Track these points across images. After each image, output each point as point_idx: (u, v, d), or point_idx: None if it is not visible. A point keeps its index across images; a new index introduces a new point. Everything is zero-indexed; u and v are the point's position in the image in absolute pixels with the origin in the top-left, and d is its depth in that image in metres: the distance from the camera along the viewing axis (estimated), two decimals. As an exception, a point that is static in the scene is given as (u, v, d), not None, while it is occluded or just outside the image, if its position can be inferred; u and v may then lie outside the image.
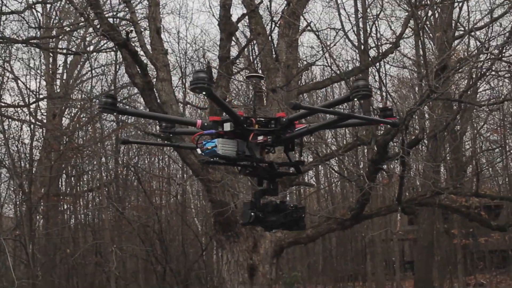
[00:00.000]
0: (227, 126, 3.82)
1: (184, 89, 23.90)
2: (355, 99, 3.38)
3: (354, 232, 24.86)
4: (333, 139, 22.45)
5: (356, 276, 27.85)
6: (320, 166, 22.31)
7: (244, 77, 19.31)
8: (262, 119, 3.89)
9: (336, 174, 20.42)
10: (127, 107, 4.75)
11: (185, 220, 23.38)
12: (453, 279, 25.21)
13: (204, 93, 3.43)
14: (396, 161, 15.07)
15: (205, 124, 3.90)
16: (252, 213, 3.88)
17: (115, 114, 4.56)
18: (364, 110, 14.60)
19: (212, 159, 3.82)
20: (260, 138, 3.86)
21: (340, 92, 27.06)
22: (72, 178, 24.70)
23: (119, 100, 21.41)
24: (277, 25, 15.49)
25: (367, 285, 25.52)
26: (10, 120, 21.04)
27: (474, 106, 17.60)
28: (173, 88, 15.76)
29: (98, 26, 13.95)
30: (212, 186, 14.28)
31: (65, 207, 25.46)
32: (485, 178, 23.48)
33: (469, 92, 16.17)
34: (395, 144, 15.43)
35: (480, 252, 26.68)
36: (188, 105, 22.91)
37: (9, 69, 21.46)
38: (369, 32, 18.12)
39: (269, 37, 15.26)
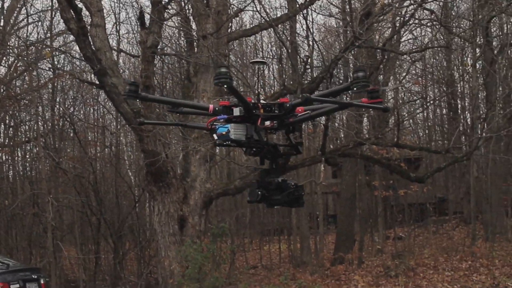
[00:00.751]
0: (236, 111, 4.10)
1: (118, 36, 23.80)
2: (355, 89, 3.69)
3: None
4: (261, 89, 22.59)
5: (282, 230, 28.29)
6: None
7: (177, 24, 19.24)
8: (267, 104, 4.16)
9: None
10: (148, 95, 5.17)
11: (119, 171, 23.42)
12: (374, 232, 25.90)
13: (225, 86, 3.74)
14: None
15: (216, 108, 4.19)
16: (260, 192, 4.18)
17: (138, 100, 5.12)
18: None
19: (225, 143, 4.11)
20: (268, 123, 4.15)
21: (269, 41, 27.46)
22: (10, 129, 24.43)
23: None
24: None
25: (292, 238, 25.98)
26: None
27: (397, 57, 18.03)
28: (107, 35, 15.71)
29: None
30: (144, 135, 14.42)
31: (3, 158, 25.30)
32: (406, 129, 24.14)
33: (393, 42, 16.58)
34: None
35: (399, 205, 27.50)
36: (122, 53, 22.96)
37: None
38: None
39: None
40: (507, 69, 21.40)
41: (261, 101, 4.19)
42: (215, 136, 4.12)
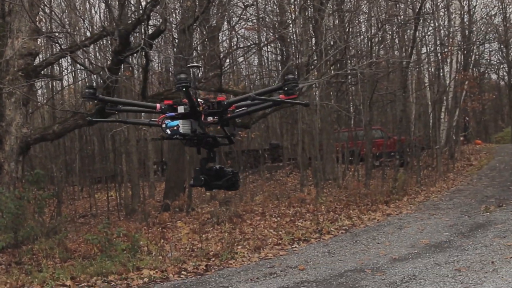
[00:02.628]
0: (181, 109, 4.53)
1: None
2: (286, 89, 4.17)
3: (112, 129, 24.24)
4: (86, 30, 21.45)
5: (113, 178, 27.43)
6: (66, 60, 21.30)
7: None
8: (207, 103, 4.61)
9: (79, 66, 19.67)
10: (105, 97, 5.18)
11: None
12: (205, 179, 25.59)
13: (184, 89, 4.19)
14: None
15: (163, 107, 4.67)
16: (203, 178, 4.69)
17: (96, 102, 6.10)
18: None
19: (174, 136, 4.57)
20: (210, 119, 4.62)
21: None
22: None
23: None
24: None
25: (123, 186, 25.22)
26: None
27: (229, 2, 17.57)
28: None
29: None
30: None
31: None
32: (241, 75, 23.90)
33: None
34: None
35: (232, 152, 27.40)
36: None
37: None
38: None
39: None
40: (333, 17, 21.56)
41: (199, 100, 4.60)
42: (168, 131, 4.51)
